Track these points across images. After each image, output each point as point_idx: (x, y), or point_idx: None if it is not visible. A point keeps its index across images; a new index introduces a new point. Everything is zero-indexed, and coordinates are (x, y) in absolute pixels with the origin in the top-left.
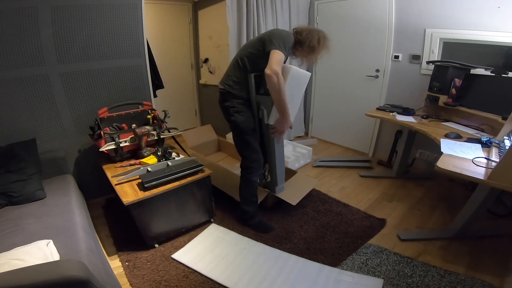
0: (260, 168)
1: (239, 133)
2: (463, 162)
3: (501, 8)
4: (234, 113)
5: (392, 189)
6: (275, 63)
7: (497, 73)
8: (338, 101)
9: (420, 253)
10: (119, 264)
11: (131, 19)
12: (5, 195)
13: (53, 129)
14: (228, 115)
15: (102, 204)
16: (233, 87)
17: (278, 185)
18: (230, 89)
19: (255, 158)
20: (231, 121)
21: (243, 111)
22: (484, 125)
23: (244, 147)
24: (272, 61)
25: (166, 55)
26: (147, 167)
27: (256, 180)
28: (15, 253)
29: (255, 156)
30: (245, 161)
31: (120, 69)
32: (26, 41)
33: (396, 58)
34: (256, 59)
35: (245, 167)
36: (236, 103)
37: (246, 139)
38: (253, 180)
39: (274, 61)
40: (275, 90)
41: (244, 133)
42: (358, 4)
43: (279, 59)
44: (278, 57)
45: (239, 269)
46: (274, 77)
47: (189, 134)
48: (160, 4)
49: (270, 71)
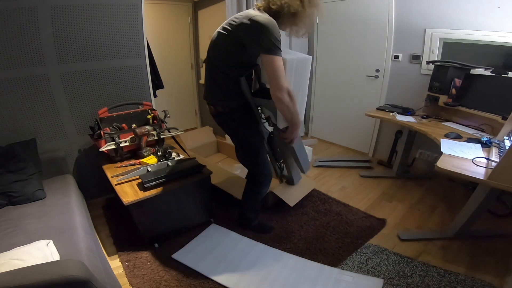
0: (271, 179)
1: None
2: (463, 162)
3: (501, 8)
4: (238, 126)
5: (392, 189)
6: (280, 78)
7: (497, 73)
8: (338, 101)
9: (420, 253)
10: (119, 264)
11: (131, 19)
12: (5, 195)
13: (53, 129)
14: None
15: (102, 204)
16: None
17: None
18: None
19: (267, 172)
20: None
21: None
22: (484, 125)
23: (256, 164)
24: (276, 77)
25: (166, 55)
26: (147, 167)
27: (266, 191)
28: (15, 253)
29: (266, 171)
30: (256, 176)
31: (120, 69)
32: (26, 41)
33: (396, 58)
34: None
35: (256, 181)
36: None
37: (258, 154)
38: (262, 192)
39: (278, 76)
40: (288, 109)
41: (256, 147)
42: (358, 4)
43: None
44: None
45: (239, 269)
46: (286, 97)
47: (188, 136)
48: (160, 4)
49: (280, 91)
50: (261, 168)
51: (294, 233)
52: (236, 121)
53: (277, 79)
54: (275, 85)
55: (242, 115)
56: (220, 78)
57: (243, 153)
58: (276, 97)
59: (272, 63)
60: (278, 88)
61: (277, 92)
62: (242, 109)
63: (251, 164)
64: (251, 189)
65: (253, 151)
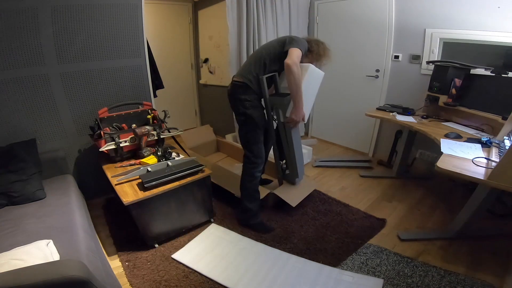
0: (263, 163)
1: (252, 127)
2: (463, 162)
3: (501, 8)
4: (250, 107)
5: (392, 189)
6: (295, 56)
7: (497, 73)
8: (338, 101)
9: (420, 253)
10: (119, 264)
11: (131, 19)
12: (5, 195)
13: (53, 129)
14: (243, 108)
15: (102, 204)
16: (253, 82)
17: (299, 177)
18: (250, 84)
19: (261, 153)
20: (246, 115)
21: (259, 106)
22: (484, 125)
23: (253, 142)
24: (293, 55)
25: (166, 55)
26: (147, 167)
27: (259, 176)
28: (15, 253)
29: (261, 152)
30: (251, 156)
31: (120, 69)
32: (26, 41)
33: (396, 58)
34: (276, 59)
35: (251, 162)
36: (254, 98)
37: (257, 134)
38: (256, 175)
39: (294, 55)
40: (293, 79)
41: (257, 127)
42: (358, 4)
43: (299, 55)
44: (297, 53)
45: (239, 269)
46: (294, 67)
47: (188, 135)
48: (160, 4)
49: (291, 61)
50: (258, 148)
51: (294, 233)
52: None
53: (292, 56)
54: (289, 57)
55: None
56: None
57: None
58: (287, 65)
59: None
60: (291, 59)
61: (289, 60)
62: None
63: (248, 143)
64: (246, 172)
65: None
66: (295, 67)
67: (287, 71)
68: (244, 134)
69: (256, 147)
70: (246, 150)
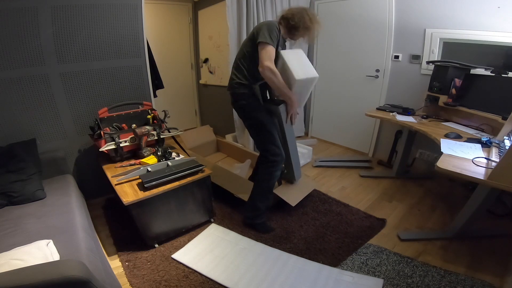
0: (283, 161)
1: (262, 128)
2: (463, 162)
3: (501, 8)
4: (251, 110)
5: (392, 189)
6: (264, 59)
7: (497, 73)
8: (338, 101)
9: (420, 253)
10: (119, 264)
11: (131, 19)
12: (5, 195)
13: (53, 129)
14: (248, 113)
15: (102, 204)
16: (239, 88)
17: (296, 179)
18: (237, 91)
19: (279, 151)
20: (251, 118)
21: (260, 106)
22: (484, 125)
23: (269, 142)
24: (262, 58)
25: (166, 55)
26: (147, 167)
27: (277, 176)
28: (15, 253)
29: (279, 150)
30: (270, 156)
31: (120, 69)
32: (26, 41)
33: (396, 58)
34: (253, 56)
35: (269, 161)
36: (252, 100)
37: (270, 132)
38: (276, 174)
39: (263, 57)
40: (273, 82)
41: (268, 126)
42: (358, 4)
43: (268, 53)
44: (268, 53)
45: (239, 269)
46: (267, 71)
47: (188, 135)
48: (160, 4)
49: (262, 68)
50: (275, 146)
51: (294, 233)
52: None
53: (262, 59)
54: (260, 64)
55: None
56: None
57: (256, 131)
58: (261, 72)
59: (262, 49)
60: (261, 66)
61: (260, 68)
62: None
63: (263, 143)
64: (264, 171)
65: (264, 129)
66: (268, 71)
67: (264, 77)
68: (256, 136)
69: (272, 145)
70: (263, 151)
